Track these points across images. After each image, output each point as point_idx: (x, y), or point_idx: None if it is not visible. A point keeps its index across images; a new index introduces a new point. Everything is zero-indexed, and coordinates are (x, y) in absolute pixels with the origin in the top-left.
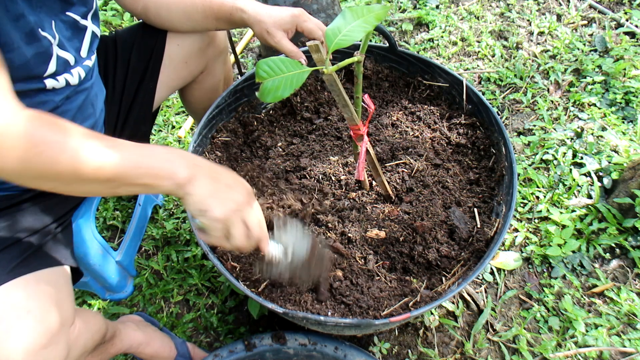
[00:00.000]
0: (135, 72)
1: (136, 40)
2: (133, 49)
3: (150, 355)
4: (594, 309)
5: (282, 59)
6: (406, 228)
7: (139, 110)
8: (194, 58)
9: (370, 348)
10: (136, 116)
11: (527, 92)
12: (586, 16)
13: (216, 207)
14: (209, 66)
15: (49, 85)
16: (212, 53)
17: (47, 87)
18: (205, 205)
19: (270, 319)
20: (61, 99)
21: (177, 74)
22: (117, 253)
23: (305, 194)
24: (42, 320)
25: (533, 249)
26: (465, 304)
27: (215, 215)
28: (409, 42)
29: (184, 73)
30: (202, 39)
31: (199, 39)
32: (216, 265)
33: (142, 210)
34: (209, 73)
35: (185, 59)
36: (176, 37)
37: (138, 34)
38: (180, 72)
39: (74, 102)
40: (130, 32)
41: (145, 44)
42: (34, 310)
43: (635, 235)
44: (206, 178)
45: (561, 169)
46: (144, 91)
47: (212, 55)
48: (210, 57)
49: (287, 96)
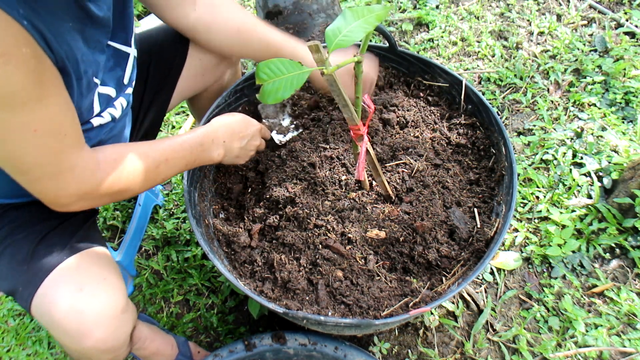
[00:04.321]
0: (152, 85)
1: (155, 51)
2: (152, 61)
3: (152, 352)
4: (594, 309)
5: (282, 61)
6: (406, 228)
7: (153, 118)
8: (210, 70)
9: (370, 348)
10: (149, 124)
11: (527, 92)
12: (586, 16)
13: (241, 160)
14: (221, 77)
15: (96, 124)
16: (226, 65)
17: (94, 126)
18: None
19: (270, 319)
20: (105, 132)
21: (192, 85)
22: (117, 253)
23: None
24: (116, 287)
25: (533, 249)
26: (465, 304)
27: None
28: (409, 42)
29: (199, 85)
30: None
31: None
32: (216, 265)
33: (142, 210)
34: (218, 82)
35: (202, 72)
36: (198, 52)
37: (157, 45)
38: (196, 84)
39: (114, 129)
40: (150, 40)
41: (165, 57)
42: (109, 278)
43: (635, 235)
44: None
45: (561, 169)
46: (160, 102)
47: (225, 68)
48: (224, 69)
49: (287, 97)
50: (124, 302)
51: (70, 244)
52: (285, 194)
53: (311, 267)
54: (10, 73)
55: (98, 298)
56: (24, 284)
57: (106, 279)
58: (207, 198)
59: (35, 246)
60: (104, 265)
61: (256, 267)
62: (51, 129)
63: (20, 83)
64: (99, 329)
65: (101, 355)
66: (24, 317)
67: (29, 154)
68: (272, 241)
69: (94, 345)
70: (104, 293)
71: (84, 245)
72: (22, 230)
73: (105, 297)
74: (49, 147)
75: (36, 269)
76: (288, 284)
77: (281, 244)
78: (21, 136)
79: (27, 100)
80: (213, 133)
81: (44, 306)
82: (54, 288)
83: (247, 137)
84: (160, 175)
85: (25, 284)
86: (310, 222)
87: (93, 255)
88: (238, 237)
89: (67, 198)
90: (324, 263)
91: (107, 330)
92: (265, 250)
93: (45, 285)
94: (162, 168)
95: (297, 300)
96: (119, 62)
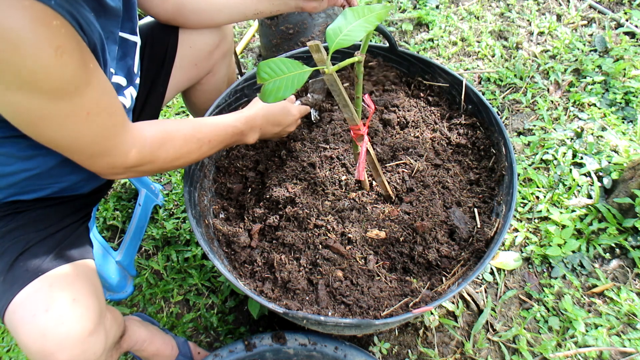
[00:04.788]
0: (147, 77)
1: (147, 42)
2: (144, 54)
3: (152, 353)
4: (594, 309)
5: (283, 60)
6: (406, 228)
7: (149, 112)
8: (203, 60)
9: (370, 348)
10: (146, 118)
11: (527, 92)
12: (586, 16)
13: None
14: (214, 68)
15: None
16: (219, 55)
17: None
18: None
19: (270, 319)
20: None
21: (186, 76)
22: (117, 253)
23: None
24: (87, 308)
25: (533, 249)
26: (465, 304)
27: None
28: (409, 42)
29: (192, 75)
30: (212, 39)
31: (209, 40)
32: (216, 265)
33: (142, 210)
34: (214, 74)
35: (195, 62)
36: (188, 39)
37: (149, 37)
38: (189, 74)
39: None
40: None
41: (157, 48)
42: (79, 299)
43: (635, 235)
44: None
45: (561, 169)
46: (156, 95)
47: (219, 57)
48: (217, 59)
49: (288, 97)
50: (93, 324)
51: (52, 257)
52: (285, 194)
53: (311, 267)
54: (65, 63)
55: (63, 320)
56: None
57: (76, 300)
58: (207, 198)
59: (17, 256)
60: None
61: (256, 267)
62: (100, 109)
63: (73, 71)
64: (62, 353)
65: None
66: None
67: (84, 135)
68: (272, 241)
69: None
70: (71, 315)
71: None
72: (13, 237)
73: (71, 319)
74: (100, 127)
75: (11, 282)
76: (288, 284)
77: (281, 244)
78: (76, 120)
79: (79, 86)
80: (252, 121)
81: (13, 322)
82: (23, 306)
83: (284, 125)
84: (202, 154)
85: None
86: (310, 222)
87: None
88: (238, 237)
89: (117, 169)
90: (324, 263)
91: (72, 353)
92: (265, 250)
93: (16, 302)
94: (204, 149)
95: (297, 300)
96: (127, 52)
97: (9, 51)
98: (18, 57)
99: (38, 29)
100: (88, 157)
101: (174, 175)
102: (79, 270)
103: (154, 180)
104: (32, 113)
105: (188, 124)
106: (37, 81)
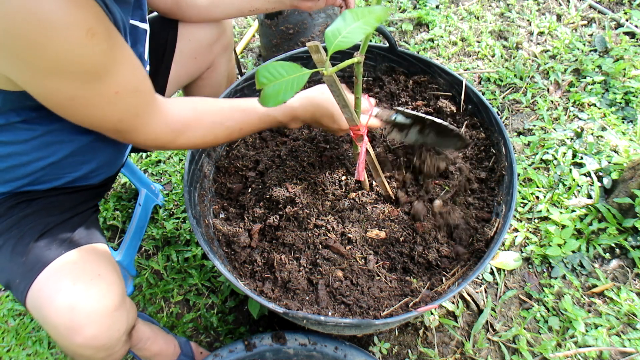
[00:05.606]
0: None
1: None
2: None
3: (154, 352)
4: (594, 309)
5: (282, 64)
6: (406, 228)
7: None
8: (203, 54)
9: (370, 348)
10: None
11: (527, 92)
12: (586, 16)
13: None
14: (214, 62)
15: None
16: (219, 49)
17: None
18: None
19: (270, 319)
20: None
21: (186, 70)
22: (117, 253)
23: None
24: (111, 283)
25: (533, 249)
26: (465, 304)
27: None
28: (409, 42)
29: (193, 69)
30: (211, 33)
31: (209, 33)
32: (216, 265)
33: (142, 210)
34: (214, 70)
35: (195, 55)
36: (188, 33)
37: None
38: (189, 68)
39: None
40: None
41: (157, 41)
42: (103, 275)
43: (635, 235)
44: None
45: (561, 169)
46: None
47: (218, 52)
48: (217, 53)
49: (288, 100)
50: (119, 300)
51: (70, 239)
52: (285, 194)
53: (311, 267)
54: (96, 44)
55: (90, 294)
56: (21, 276)
57: (101, 275)
58: (207, 198)
59: (37, 239)
60: (101, 262)
61: (256, 267)
62: (129, 87)
63: (103, 52)
64: (90, 326)
65: (94, 352)
66: (24, 317)
67: (114, 114)
68: (272, 241)
69: (84, 342)
70: (97, 289)
71: (84, 241)
72: (30, 221)
73: (98, 293)
74: (129, 104)
75: (34, 262)
76: (288, 284)
77: (281, 244)
78: (106, 100)
79: (108, 65)
80: (292, 114)
81: (38, 300)
82: (48, 282)
83: (324, 127)
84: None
85: (22, 277)
86: (310, 222)
87: (91, 252)
88: (238, 237)
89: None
90: (324, 263)
91: (99, 327)
92: (265, 250)
93: (40, 280)
94: (234, 135)
95: (297, 300)
96: (138, 39)
97: (42, 34)
98: (50, 40)
99: (70, 10)
100: (117, 133)
101: (174, 175)
102: (98, 250)
103: (154, 181)
104: (61, 95)
105: (218, 108)
106: (69, 64)
